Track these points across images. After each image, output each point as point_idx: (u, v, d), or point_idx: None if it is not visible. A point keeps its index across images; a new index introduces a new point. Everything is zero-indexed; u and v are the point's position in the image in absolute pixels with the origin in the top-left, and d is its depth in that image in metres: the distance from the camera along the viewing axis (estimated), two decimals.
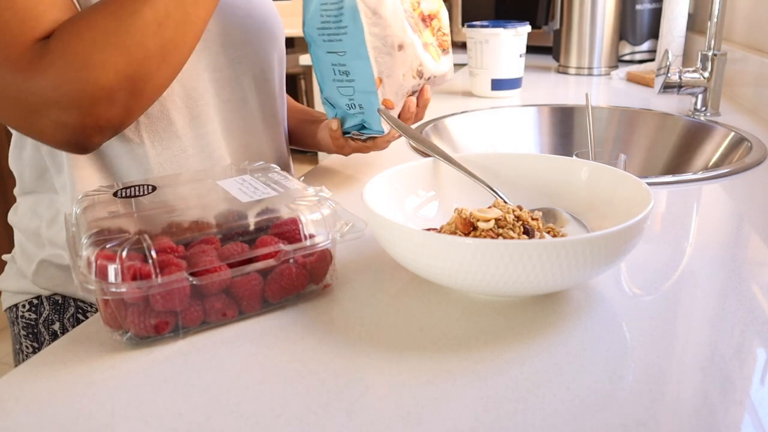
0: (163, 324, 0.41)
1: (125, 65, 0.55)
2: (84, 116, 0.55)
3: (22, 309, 0.75)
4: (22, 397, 0.38)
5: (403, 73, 0.66)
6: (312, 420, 0.35)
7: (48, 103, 0.54)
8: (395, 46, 0.64)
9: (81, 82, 0.54)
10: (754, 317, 0.43)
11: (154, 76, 0.58)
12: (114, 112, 0.57)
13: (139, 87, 0.57)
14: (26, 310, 0.75)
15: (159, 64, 0.57)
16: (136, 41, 0.55)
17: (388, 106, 0.66)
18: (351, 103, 0.67)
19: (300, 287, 0.46)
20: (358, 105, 0.67)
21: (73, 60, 0.54)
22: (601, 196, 0.54)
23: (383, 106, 0.66)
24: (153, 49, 0.56)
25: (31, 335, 0.74)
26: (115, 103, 0.56)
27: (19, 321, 0.75)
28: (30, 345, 0.74)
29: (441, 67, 0.71)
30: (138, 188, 0.51)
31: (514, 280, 0.41)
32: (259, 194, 0.50)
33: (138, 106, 0.59)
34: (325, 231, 0.46)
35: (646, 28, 1.60)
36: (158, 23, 0.56)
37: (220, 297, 0.43)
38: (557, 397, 0.36)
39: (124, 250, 0.40)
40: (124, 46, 0.55)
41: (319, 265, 0.47)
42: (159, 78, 0.59)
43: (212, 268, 0.42)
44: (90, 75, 0.54)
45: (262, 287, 0.45)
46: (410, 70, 0.67)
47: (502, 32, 1.20)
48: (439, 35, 0.73)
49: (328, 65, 0.67)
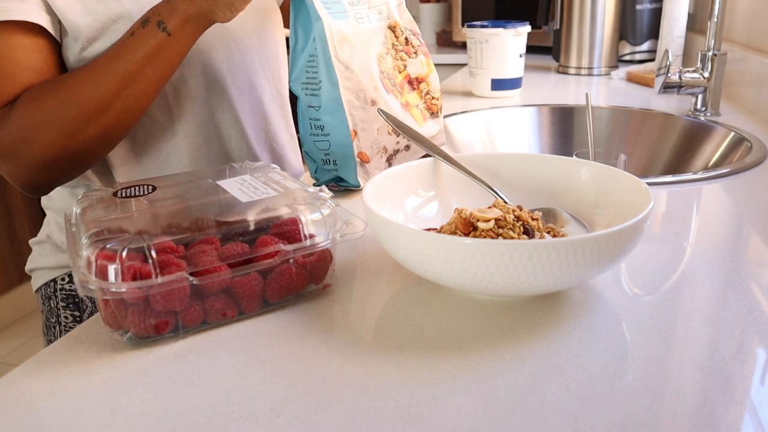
0: (163, 324, 0.41)
1: (63, 142, 0.65)
2: (28, 176, 0.67)
3: (62, 282, 0.82)
4: (22, 397, 0.38)
5: (377, 128, 0.68)
6: (312, 420, 0.35)
7: (1, 159, 0.67)
8: (368, 100, 0.66)
9: (26, 154, 0.65)
10: (754, 317, 0.43)
11: (92, 151, 0.68)
12: (56, 175, 0.69)
13: (77, 159, 0.67)
14: (66, 282, 0.82)
15: (98, 142, 0.67)
16: (77, 126, 0.65)
17: (363, 159, 0.68)
18: (326, 158, 0.68)
19: (300, 287, 0.46)
20: (332, 161, 0.68)
21: (23, 134, 0.64)
22: (601, 196, 0.54)
23: (359, 159, 0.67)
24: (92, 133, 0.66)
25: (72, 305, 0.81)
26: (55, 169, 0.67)
27: (58, 294, 0.81)
28: (71, 315, 0.80)
29: (424, 129, 0.73)
30: (138, 188, 0.51)
31: (514, 280, 0.41)
32: (259, 194, 0.50)
33: (78, 170, 0.71)
34: (325, 231, 0.46)
35: (646, 28, 1.59)
36: (99, 113, 0.65)
37: (220, 297, 0.43)
38: (557, 397, 0.36)
39: (124, 250, 0.40)
40: (67, 130, 0.64)
41: (319, 265, 0.47)
42: (98, 151, 0.69)
43: (212, 268, 0.42)
44: (34, 148, 0.65)
45: (262, 287, 0.45)
46: (385, 125, 0.68)
47: (502, 32, 1.20)
48: (427, 98, 0.75)
49: (307, 119, 0.68)
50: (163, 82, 0.68)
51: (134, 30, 0.65)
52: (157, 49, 0.64)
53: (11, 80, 0.65)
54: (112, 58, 0.65)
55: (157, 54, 0.65)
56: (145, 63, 0.64)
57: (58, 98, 0.64)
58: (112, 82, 0.64)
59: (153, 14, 0.65)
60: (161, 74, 0.67)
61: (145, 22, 0.64)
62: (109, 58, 0.65)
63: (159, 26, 0.64)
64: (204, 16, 0.64)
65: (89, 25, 0.67)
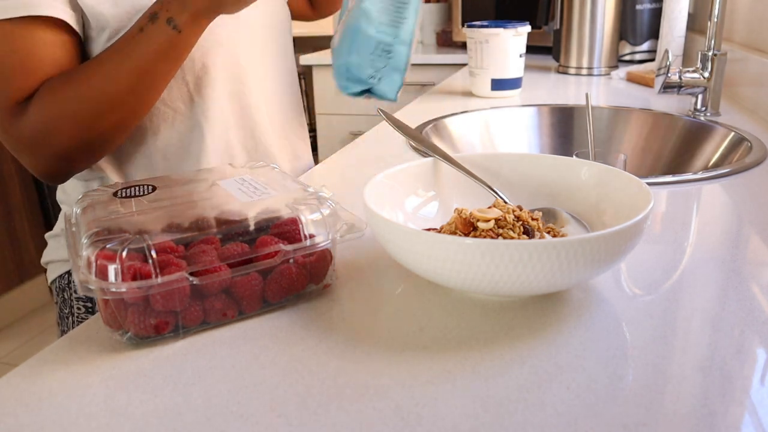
0: (163, 324, 0.41)
1: (81, 134, 0.67)
2: (47, 167, 0.70)
3: None
4: (22, 397, 0.38)
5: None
6: (312, 420, 0.35)
7: (22, 151, 0.69)
8: None
9: (45, 146, 0.67)
10: (754, 317, 0.43)
11: (108, 140, 0.71)
12: (74, 163, 0.71)
13: (94, 147, 0.70)
14: None
15: (114, 131, 0.70)
16: (93, 119, 0.67)
17: None
18: (374, 75, 0.67)
19: (300, 287, 0.46)
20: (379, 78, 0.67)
21: (41, 126, 0.66)
22: (601, 196, 0.54)
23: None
24: (108, 125, 0.68)
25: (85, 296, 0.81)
26: (74, 159, 0.70)
27: (72, 285, 0.82)
28: (83, 306, 0.81)
29: None
30: (138, 188, 0.51)
31: (514, 280, 0.41)
32: (259, 194, 0.50)
33: (95, 157, 0.73)
34: (325, 231, 0.46)
35: (646, 28, 1.60)
36: (113, 107, 0.67)
37: (220, 297, 0.43)
38: (557, 397, 0.36)
39: (124, 250, 0.40)
40: (83, 122, 0.67)
41: (319, 265, 0.47)
42: (114, 139, 0.71)
43: (212, 268, 0.42)
44: (51, 139, 0.67)
45: (262, 287, 0.45)
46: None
47: (502, 32, 1.20)
48: None
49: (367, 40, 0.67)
50: (174, 73, 0.70)
51: (143, 25, 0.65)
52: (167, 45, 0.65)
53: (33, 75, 0.66)
54: (124, 54, 0.66)
55: (168, 50, 0.66)
56: (156, 60, 0.66)
57: (73, 93, 0.66)
58: (125, 78, 0.66)
59: (161, 9, 0.65)
60: (172, 68, 0.68)
61: (153, 16, 0.65)
62: (120, 53, 0.66)
63: (169, 23, 0.64)
64: (212, 11, 0.65)
65: (116, 15, 0.69)
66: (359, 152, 0.91)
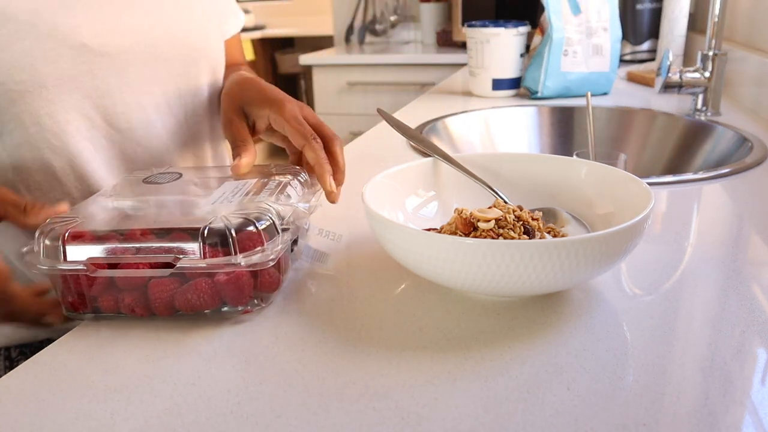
0: (78, 304, 0.45)
1: None
2: None
3: None
4: (22, 397, 0.38)
5: None
6: (312, 420, 0.35)
7: None
8: None
9: None
10: (754, 317, 0.43)
11: None
12: None
13: None
14: None
15: None
16: None
17: None
18: None
19: (208, 305, 0.44)
20: None
21: None
22: (601, 196, 0.54)
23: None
24: None
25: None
26: None
27: None
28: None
29: None
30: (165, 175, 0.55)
31: (515, 280, 0.41)
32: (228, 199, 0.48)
33: None
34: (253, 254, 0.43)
35: (647, 27, 1.60)
36: None
37: (132, 293, 0.45)
38: (557, 397, 0.36)
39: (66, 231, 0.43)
40: None
41: (233, 286, 0.44)
42: None
43: (126, 264, 0.43)
44: None
45: (171, 295, 0.44)
46: None
47: (502, 32, 1.20)
48: None
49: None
50: None
51: None
52: None
53: None
54: None
55: None
56: None
57: None
58: None
59: None
60: None
61: None
62: None
63: None
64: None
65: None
66: (359, 152, 0.91)
